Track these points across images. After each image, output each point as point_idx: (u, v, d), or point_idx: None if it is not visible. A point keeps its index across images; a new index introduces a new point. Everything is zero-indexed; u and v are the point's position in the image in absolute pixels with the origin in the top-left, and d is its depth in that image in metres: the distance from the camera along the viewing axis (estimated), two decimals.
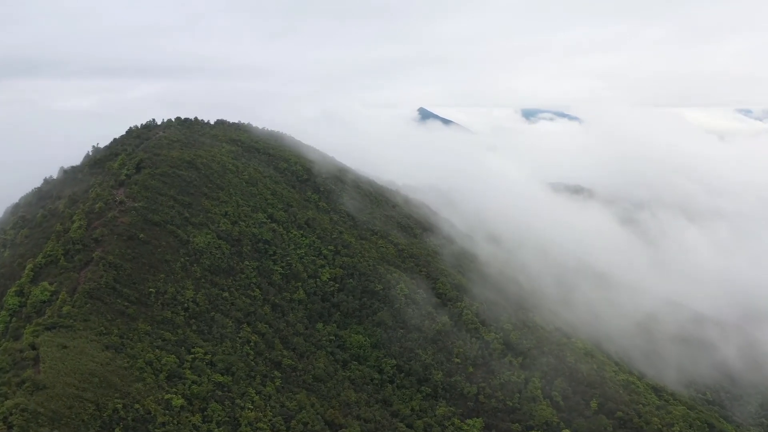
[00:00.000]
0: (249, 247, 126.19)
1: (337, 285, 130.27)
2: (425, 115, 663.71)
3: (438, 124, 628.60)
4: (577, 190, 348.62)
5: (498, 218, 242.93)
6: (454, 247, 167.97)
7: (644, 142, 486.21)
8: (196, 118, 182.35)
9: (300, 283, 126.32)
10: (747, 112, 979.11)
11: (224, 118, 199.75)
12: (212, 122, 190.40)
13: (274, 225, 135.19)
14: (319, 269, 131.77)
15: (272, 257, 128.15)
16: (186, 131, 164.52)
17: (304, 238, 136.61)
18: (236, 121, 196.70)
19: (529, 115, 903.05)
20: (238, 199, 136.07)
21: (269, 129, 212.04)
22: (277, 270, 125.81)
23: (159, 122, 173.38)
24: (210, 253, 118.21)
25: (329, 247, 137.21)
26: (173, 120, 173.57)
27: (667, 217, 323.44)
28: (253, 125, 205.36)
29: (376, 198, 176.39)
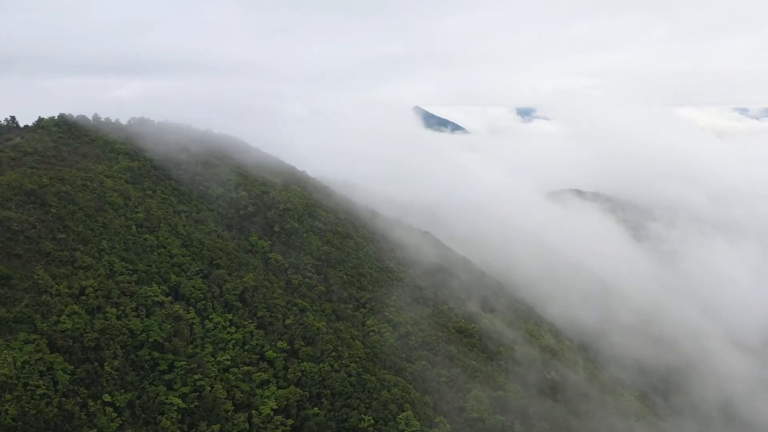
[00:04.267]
0: (119, 361, 65.92)
1: (290, 422, 70.39)
2: (420, 114, 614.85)
3: (433, 124, 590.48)
4: (579, 196, 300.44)
5: (500, 238, 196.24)
6: (484, 319, 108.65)
7: (643, 141, 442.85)
8: (96, 116, 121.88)
9: (218, 426, 66.48)
10: (744, 111, 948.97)
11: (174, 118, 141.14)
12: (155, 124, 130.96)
13: (178, 307, 75.07)
14: (258, 391, 71.85)
15: (164, 377, 68.01)
16: (64, 137, 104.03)
17: (232, 330, 76.56)
18: (164, 121, 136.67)
19: (524, 114, 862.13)
20: (113, 260, 75.86)
21: (221, 132, 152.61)
22: (173, 403, 65.77)
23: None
24: (24, 387, 58.08)
25: (280, 343, 77.33)
26: (55, 118, 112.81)
27: (682, 227, 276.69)
28: (194, 126, 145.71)
29: (365, 237, 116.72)
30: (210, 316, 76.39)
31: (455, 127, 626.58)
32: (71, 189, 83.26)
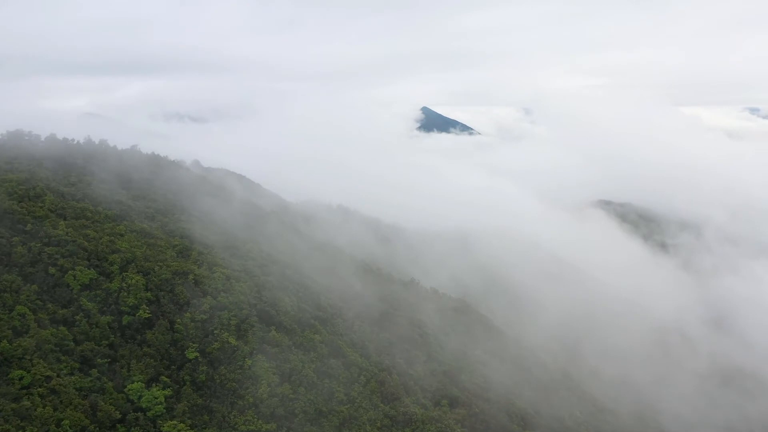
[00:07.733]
0: None
1: None
2: (428, 115, 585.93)
3: (440, 125, 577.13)
4: (584, 205, 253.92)
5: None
6: None
7: (654, 144, 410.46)
8: None
9: None
10: (754, 110, 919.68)
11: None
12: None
13: None
14: None
15: None
16: None
17: None
18: (51, 135, 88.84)
19: (534, 114, 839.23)
20: None
21: (155, 153, 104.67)
22: None
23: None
24: None
25: None
26: None
27: (703, 243, 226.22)
28: (112, 144, 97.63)
29: (364, 353, 66.74)
30: None
31: (463, 128, 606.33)
32: None
